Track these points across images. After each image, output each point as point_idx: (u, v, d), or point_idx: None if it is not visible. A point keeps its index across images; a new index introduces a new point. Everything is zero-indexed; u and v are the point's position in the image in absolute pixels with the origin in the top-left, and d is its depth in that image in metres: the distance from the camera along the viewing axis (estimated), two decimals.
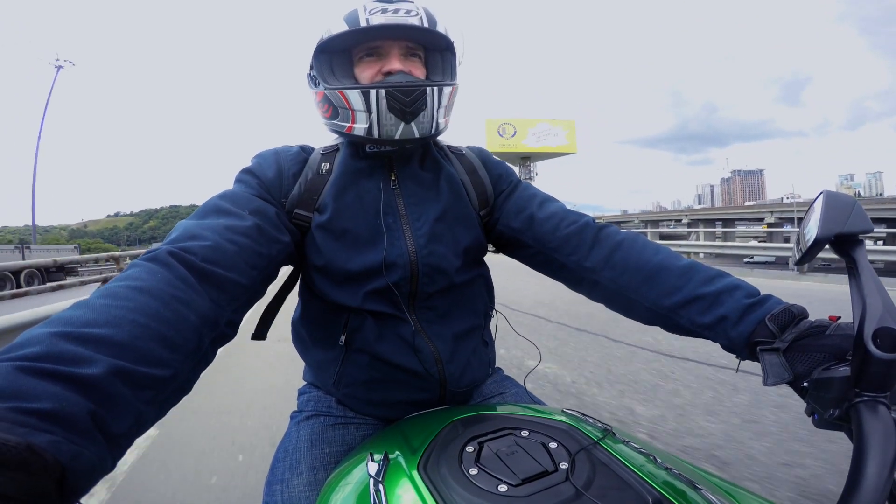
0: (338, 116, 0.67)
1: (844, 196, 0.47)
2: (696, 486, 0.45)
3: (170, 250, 0.48)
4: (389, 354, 0.69)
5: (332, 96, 0.66)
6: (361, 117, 0.64)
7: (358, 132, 0.65)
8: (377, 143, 0.68)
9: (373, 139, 0.66)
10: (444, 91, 0.67)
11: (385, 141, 0.66)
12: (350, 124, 0.65)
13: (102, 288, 0.42)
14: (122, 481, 1.77)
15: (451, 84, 0.69)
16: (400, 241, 0.68)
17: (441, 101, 0.66)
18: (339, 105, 0.65)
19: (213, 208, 0.59)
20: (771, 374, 0.49)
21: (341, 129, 0.67)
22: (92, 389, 0.32)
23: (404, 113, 0.63)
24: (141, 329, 0.38)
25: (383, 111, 0.63)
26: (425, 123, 0.65)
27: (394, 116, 0.63)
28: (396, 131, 0.64)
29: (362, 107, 0.63)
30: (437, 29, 0.67)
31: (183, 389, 0.43)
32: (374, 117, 0.63)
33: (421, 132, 0.65)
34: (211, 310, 0.47)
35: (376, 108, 0.63)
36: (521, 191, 0.78)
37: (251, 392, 2.69)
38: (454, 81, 0.71)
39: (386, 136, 0.65)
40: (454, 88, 0.69)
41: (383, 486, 0.45)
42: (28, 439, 0.26)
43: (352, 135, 0.67)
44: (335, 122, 0.68)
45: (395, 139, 0.65)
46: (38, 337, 0.33)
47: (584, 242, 0.69)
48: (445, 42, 0.70)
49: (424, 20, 0.65)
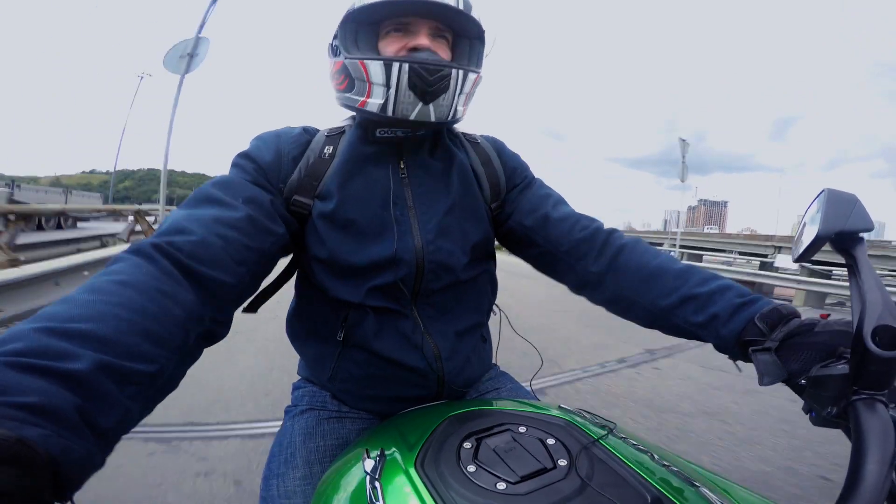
0: (353, 89, 0.63)
1: (846, 194, 0.47)
2: (694, 483, 0.45)
3: (155, 243, 0.46)
4: (389, 351, 0.67)
5: (350, 66, 0.62)
6: (378, 92, 0.60)
7: (371, 108, 0.62)
8: (389, 123, 0.64)
9: (385, 117, 0.62)
10: (469, 77, 0.64)
11: (398, 121, 0.62)
12: (364, 98, 0.62)
13: (86, 283, 0.41)
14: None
15: (477, 72, 0.66)
16: (407, 236, 0.66)
17: (464, 88, 0.63)
18: (357, 76, 0.61)
19: (206, 197, 0.57)
20: (765, 373, 0.50)
21: (353, 103, 0.63)
22: (78, 384, 0.31)
23: (424, 93, 0.59)
24: (126, 324, 0.37)
25: (403, 87, 0.59)
26: (444, 107, 0.62)
27: (413, 94, 0.59)
28: (413, 111, 0.61)
29: (382, 80, 0.59)
30: (471, 14, 0.64)
31: (169, 385, 0.42)
32: (391, 93, 0.60)
33: (438, 116, 0.62)
34: (196, 305, 0.46)
35: (396, 83, 0.59)
36: (536, 188, 0.76)
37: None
38: (478, 70, 0.67)
39: (400, 115, 0.61)
40: (478, 77, 0.66)
41: (380, 484, 0.45)
42: (19, 433, 0.25)
43: (363, 111, 0.63)
44: (348, 96, 0.64)
45: (410, 119, 0.61)
46: (22, 333, 0.33)
47: (594, 248, 0.69)
48: (476, 29, 0.67)
49: (460, 2, 0.62)
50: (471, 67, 0.66)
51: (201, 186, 0.59)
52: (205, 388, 2.50)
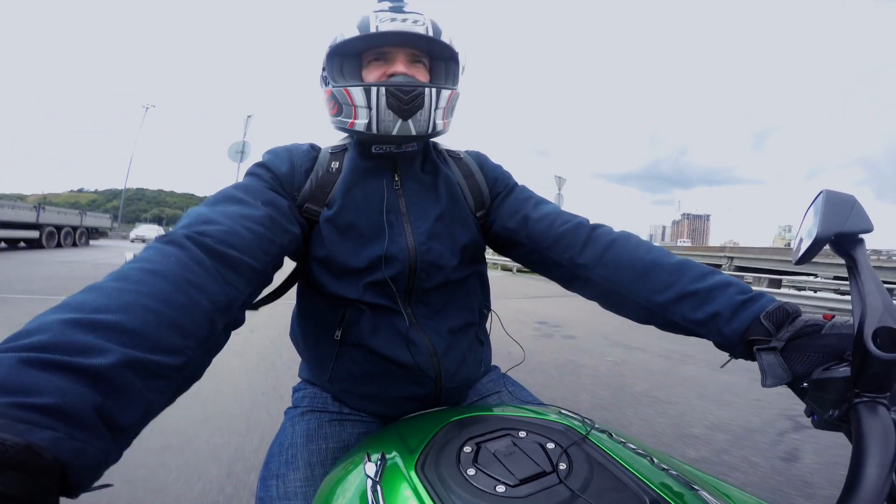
0: (342, 113, 0.70)
1: (844, 195, 0.47)
2: (693, 486, 0.44)
3: (186, 234, 0.48)
4: (385, 348, 0.69)
5: (338, 94, 0.69)
6: (362, 113, 0.67)
7: (358, 127, 0.68)
8: (378, 140, 0.70)
9: (371, 134, 0.68)
10: (443, 94, 0.70)
11: (384, 137, 0.68)
12: (352, 120, 0.69)
13: (116, 270, 0.41)
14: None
15: (450, 88, 0.72)
16: (401, 238, 0.70)
17: (439, 103, 0.69)
18: (344, 102, 0.69)
19: (226, 197, 0.60)
20: (770, 375, 0.49)
21: (343, 125, 0.70)
22: (100, 381, 0.31)
23: (402, 110, 0.66)
24: (154, 315, 0.37)
25: (382, 108, 0.66)
26: (422, 122, 0.68)
27: (392, 113, 0.66)
28: (394, 127, 0.67)
29: (363, 103, 0.67)
30: (441, 39, 0.70)
31: (194, 376, 0.42)
32: (373, 113, 0.67)
33: (418, 130, 0.68)
34: (225, 294, 0.47)
35: (376, 105, 0.66)
36: (517, 193, 0.80)
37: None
38: (453, 87, 0.73)
39: (384, 132, 0.67)
40: (453, 93, 0.72)
41: (381, 488, 0.45)
42: (27, 438, 0.25)
43: (353, 130, 0.69)
44: (339, 119, 0.71)
45: (392, 135, 0.68)
46: (48, 324, 0.32)
47: (578, 241, 0.70)
48: (449, 52, 0.74)
49: (430, 30, 0.69)
50: (444, 85, 0.73)
51: (221, 189, 0.62)
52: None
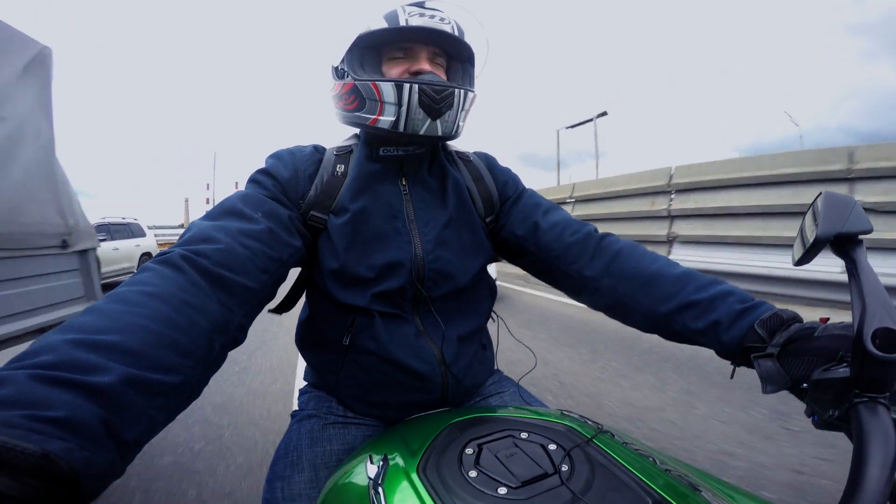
0: (363, 108, 0.67)
1: (843, 196, 0.47)
2: (696, 488, 0.44)
3: (182, 254, 0.48)
4: (393, 355, 0.69)
5: (363, 87, 0.66)
6: (390, 110, 0.65)
7: (383, 125, 0.66)
8: (398, 138, 0.68)
9: (397, 132, 0.66)
10: (469, 96, 0.69)
11: (409, 136, 0.67)
12: (376, 116, 0.66)
13: (113, 292, 0.42)
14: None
15: (474, 91, 0.71)
16: (409, 245, 0.69)
17: (464, 105, 0.69)
18: (369, 96, 0.66)
19: (228, 209, 0.59)
20: (768, 381, 0.50)
21: (364, 121, 0.68)
22: (104, 397, 0.32)
23: (433, 109, 0.64)
24: (153, 335, 0.39)
25: (413, 105, 0.64)
26: (449, 123, 0.67)
27: (423, 111, 0.64)
28: (422, 126, 0.65)
29: (393, 99, 0.64)
30: (464, 39, 0.70)
31: (193, 394, 0.43)
32: (403, 110, 0.64)
33: (444, 131, 0.67)
34: (222, 315, 0.48)
35: (407, 102, 0.64)
36: (527, 198, 0.79)
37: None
38: (474, 90, 0.73)
39: (411, 130, 0.66)
40: (474, 96, 0.72)
41: (383, 489, 0.45)
42: (44, 447, 0.27)
43: (374, 127, 0.67)
44: (359, 114, 0.68)
45: (420, 134, 0.66)
46: (53, 345, 0.34)
47: (587, 252, 0.70)
48: (468, 53, 0.74)
49: (455, 29, 0.68)
50: (470, 88, 0.71)
51: (223, 199, 0.62)
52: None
